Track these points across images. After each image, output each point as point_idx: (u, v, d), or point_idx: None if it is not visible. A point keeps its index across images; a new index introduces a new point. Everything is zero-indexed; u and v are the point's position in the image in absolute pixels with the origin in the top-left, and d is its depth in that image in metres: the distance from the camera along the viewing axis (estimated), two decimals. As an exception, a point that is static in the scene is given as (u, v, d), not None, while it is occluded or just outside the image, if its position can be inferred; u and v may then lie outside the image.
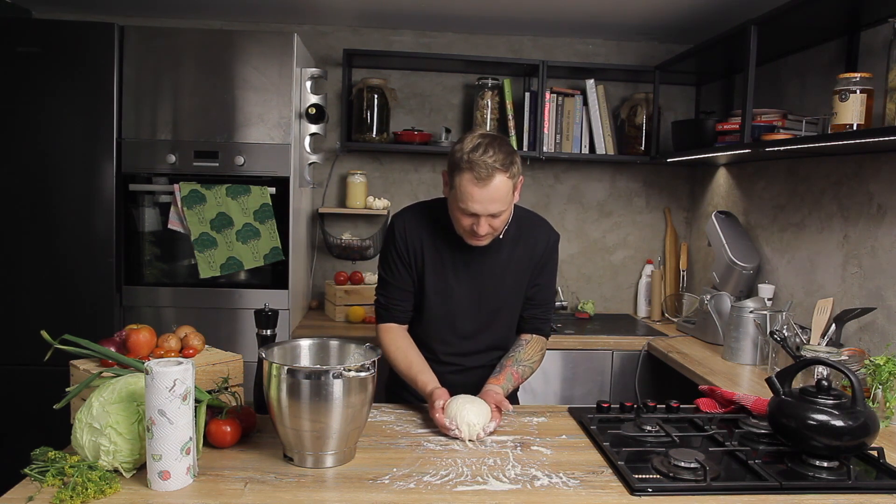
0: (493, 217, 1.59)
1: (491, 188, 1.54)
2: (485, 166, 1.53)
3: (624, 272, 3.36)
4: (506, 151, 1.57)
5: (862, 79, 1.87)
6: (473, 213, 1.58)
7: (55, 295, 2.52)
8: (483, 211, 1.57)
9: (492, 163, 1.53)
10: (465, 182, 1.55)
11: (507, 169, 1.56)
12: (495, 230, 1.64)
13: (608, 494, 1.24)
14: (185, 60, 2.53)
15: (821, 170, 2.38)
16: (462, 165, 1.55)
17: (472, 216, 1.59)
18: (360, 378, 1.29)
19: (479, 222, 1.59)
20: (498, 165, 1.54)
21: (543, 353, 1.82)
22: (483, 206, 1.56)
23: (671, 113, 3.25)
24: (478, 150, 1.54)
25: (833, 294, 2.26)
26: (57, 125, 2.48)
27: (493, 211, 1.58)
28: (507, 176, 1.56)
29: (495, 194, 1.56)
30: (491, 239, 1.67)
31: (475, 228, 1.60)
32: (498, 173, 1.54)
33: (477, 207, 1.56)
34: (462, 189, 1.56)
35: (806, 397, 1.35)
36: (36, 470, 1.21)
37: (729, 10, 2.65)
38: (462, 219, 1.61)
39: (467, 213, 1.59)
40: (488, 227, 1.60)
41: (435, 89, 3.21)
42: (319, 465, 1.31)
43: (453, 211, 1.64)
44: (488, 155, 1.53)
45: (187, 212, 2.52)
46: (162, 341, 1.57)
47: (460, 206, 1.59)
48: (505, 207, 1.59)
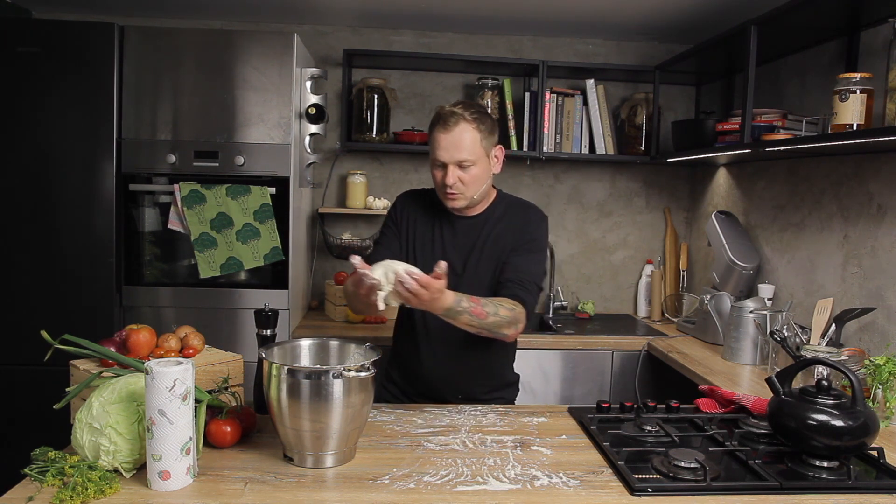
0: (461, 169, 1.67)
1: (455, 133, 1.65)
2: (451, 114, 1.66)
3: (624, 272, 3.36)
4: (476, 109, 1.69)
5: (862, 79, 1.87)
6: (443, 164, 1.67)
7: (55, 295, 2.52)
8: (449, 158, 1.66)
9: (459, 111, 1.65)
10: (434, 133, 1.68)
11: (474, 121, 1.66)
12: (465, 185, 1.69)
13: (608, 494, 1.24)
14: (185, 60, 2.53)
15: (821, 170, 2.38)
16: (434, 119, 1.70)
17: (442, 167, 1.68)
18: (360, 378, 1.29)
19: (447, 173, 1.67)
20: (465, 114, 1.65)
21: (515, 315, 1.62)
22: (448, 153, 1.65)
23: (671, 113, 3.25)
24: (448, 105, 1.70)
25: (833, 294, 2.26)
26: (57, 125, 2.48)
27: (458, 158, 1.65)
28: (473, 127, 1.66)
29: (460, 141, 1.65)
30: (464, 201, 1.72)
31: (445, 180, 1.67)
32: (462, 121, 1.65)
33: (443, 154, 1.66)
34: (432, 140, 1.69)
35: (806, 397, 1.35)
36: (36, 470, 1.21)
37: (729, 10, 2.65)
38: (435, 174, 1.71)
39: (437, 166, 1.69)
40: (456, 179, 1.67)
41: (435, 89, 3.21)
42: (319, 465, 1.31)
43: (432, 172, 1.73)
44: (457, 107, 1.67)
45: (187, 212, 2.52)
46: (162, 341, 1.57)
47: (432, 160, 1.70)
48: (472, 158, 1.66)
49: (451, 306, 1.50)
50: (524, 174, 3.26)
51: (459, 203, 1.73)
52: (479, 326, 1.57)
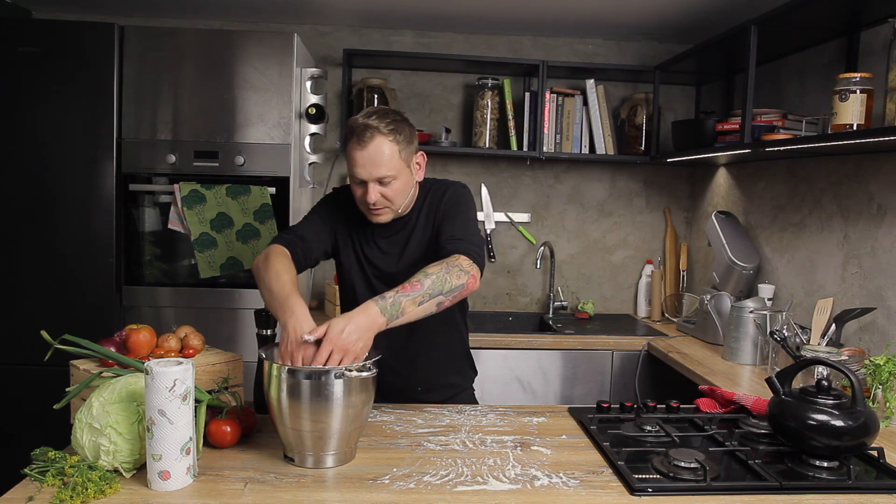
0: (382, 185, 1.56)
1: (371, 149, 1.53)
2: (365, 128, 1.53)
3: (624, 272, 3.36)
4: (391, 118, 1.56)
5: (862, 79, 1.87)
6: (362, 181, 1.57)
7: (55, 295, 2.52)
8: (367, 175, 1.55)
9: (373, 125, 1.53)
10: (350, 148, 1.56)
11: (390, 132, 1.55)
12: (389, 201, 1.59)
13: (608, 494, 1.24)
14: (185, 60, 2.53)
15: (821, 170, 2.38)
16: (348, 132, 1.57)
17: (361, 184, 1.58)
18: (361, 378, 1.29)
19: (367, 190, 1.56)
20: (381, 128, 1.53)
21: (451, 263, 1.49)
22: (366, 169, 1.54)
23: (671, 113, 3.25)
24: (360, 116, 1.56)
25: (833, 294, 2.27)
26: (57, 125, 2.48)
27: (377, 175, 1.55)
28: (390, 140, 1.55)
29: (377, 157, 1.53)
30: (390, 214, 1.63)
31: (366, 198, 1.57)
32: (378, 135, 1.53)
33: (361, 172, 1.55)
34: (348, 157, 1.57)
35: (806, 397, 1.35)
36: (36, 470, 1.21)
37: (729, 10, 2.65)
38: (356, 190, 1.60)
39: (356, 182, 1.59)
40: (379, 195, 1.57)
41: (435, 89, 3.21)
42: (320, 466, 1.31)
43: (351, 187, 1.64)
44: (371, 119, 1.54)
45: (187, 212, 2.52)
46: (162, 341, 1.57)
47: (350, 176, 1.60)
48: (392, 173, 1.55)
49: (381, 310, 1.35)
50: (524, 174, 3.26)
51: (384, 218, 1.63)
52: (430, 297, 1.42)
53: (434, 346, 1.79)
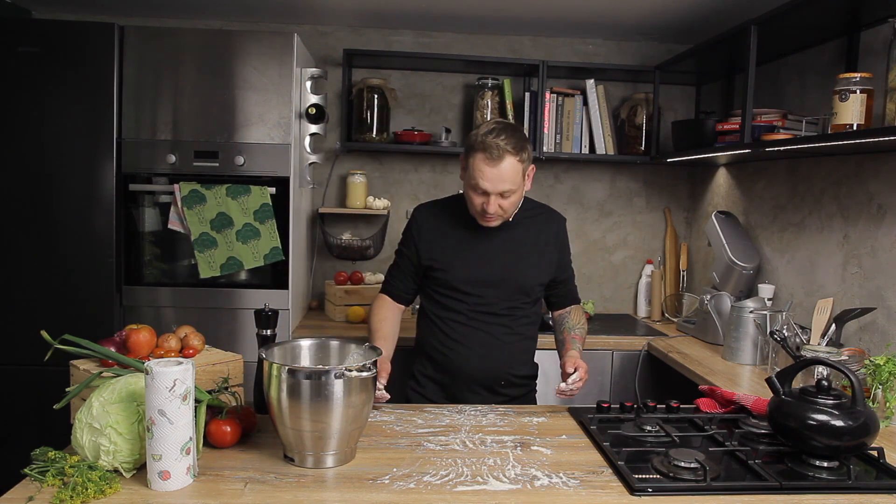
0: (503, 197, 1.74)
1: (501, 168, 1.70)
2: (496, 147, 1.68)
3: (624, 272, 3.36)
4: (518, 137, 1.73)
5: (862, 79, 1.87)
6: (484, 192, 1.73)
7: (55, 295, 2.52)
8: (493, 189, 1.72)
9: (503, 145, 1.69)
10: (477, 161, 1.72)
11: (518, 153, 1.71)
12: (504, 211, 1.78)
13: (608, 494, 1.24)
14: (185, 60, 2.53)
15: (821, 170, 2.38)
16: (476, 147, 1.72)
17: (483, 195, 1.74)
18: (361, 378, 1.29)
19: (488, 201, 1.73)
20: (509, 148, 1.69)
21: (585, 316, 2.06)
22: (493, 184, 1.71)
23: (671, 113, 3.25)
24: (491, 134, 1.70)
25: (833, 294, 2.27)
26: (57, 125, 2.48)
27: (501, 189, 1.72)
28: (517, 159, 1.72)
29: (505, 174, 1.70)
30: (500, 221, 1.82)
31: (485, 207, 1.74)
32: (508, 155, 1.69)
33: (487, 185, 1.71)
34: (475, 168, 1.72)
35: (806, 397, 1.35)
36: (36, 470, 1.21)
37: (729, 10, 2.65)
38: (474, 198, 1.76)
39: (479, 192, 1.74)
40: (497, 206, 1.75)
41: (435, 89, 3.21)
42: (320, 466, 1.31)
43: (467, 191, 1.79)
44: (501, 138, 1.69)
45: (187, 212, 2.52)
46: (162, 341, 1.57)
47: (472, 185, 1.75)
48: (514, 188, 1.74)
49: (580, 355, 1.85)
50: (524, 174, 3.26)
51: (495, 223, 1.82)
52: None
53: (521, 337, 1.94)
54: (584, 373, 1.74)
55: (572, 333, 1.94)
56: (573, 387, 1.71)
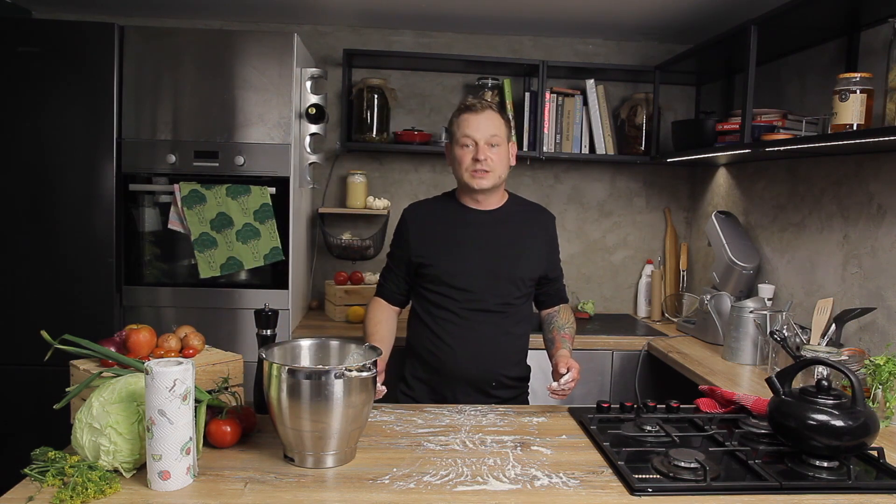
0: (490, 146, 1.82)
1: (485, 116, 1.83)
2: (479, 102, 1.85)
3: (624, 272, 3.36)
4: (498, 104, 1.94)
5: (862, 79, 1.87)
6: (474, 142, 1.82)
7: (55, 295, 2.52)
8: (480, 136, 1.81)
9: (486, 101, 1.85)
10: (462, 118, 1.85)
11: (499, 111, 1.86)
12: (494, 164, 1.83)
13: (608, 494, 1.24)
14: (185, 60, 2.53)
15: (821, 170, 2.38)
16: (460, 108, 1.86)
17: (473, 146, 1.82)
18: (361, 378, 1.29)
19: (479, 150, 1.81)
20: (492, 105, 1.85)
21: (573, 315, 2.08)
22: (480, 131, 1.81)
23: (671, 113, 3.25)
24: (468, 98, 1.90)
25: (833, 294, 2.26)
26: (57, 125, 2.48)
27: (488, 135, 1.82)
28: (499, 114, 1.85)
29: (490, 122, 1.82)
30: (492, 180, 1.85)
31: (476, 156, 1.81)
32: (489, 109, 1.84)
33: (475, 133, 1.81)
34: (460, 124, 1.84)
35: (806, 397, 1.35)
36: (36, 470, 1.21)
37: (729, 10, 2.65)
38: (464, 155, 1.84)
39: (467, 146, 1.83)
40: (486, 155, 1.81)
41: (435, 89, 3.21)
42: (320, 466, 1.31)
43: (456, 154, 1.86)
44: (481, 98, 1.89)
45: (187, 212, 2.52)
46: (162, 341, 1.57)
47: (461, 141, 1.83)
48: (500, 140, 1.83)
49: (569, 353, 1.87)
50: (524, 174, 3.26)
51: (488, 181, 1.84)
52: None
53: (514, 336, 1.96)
54: (576, 373, 1.74)
55: (562, 332, 1.96)
56: (566, 387, 1.71)
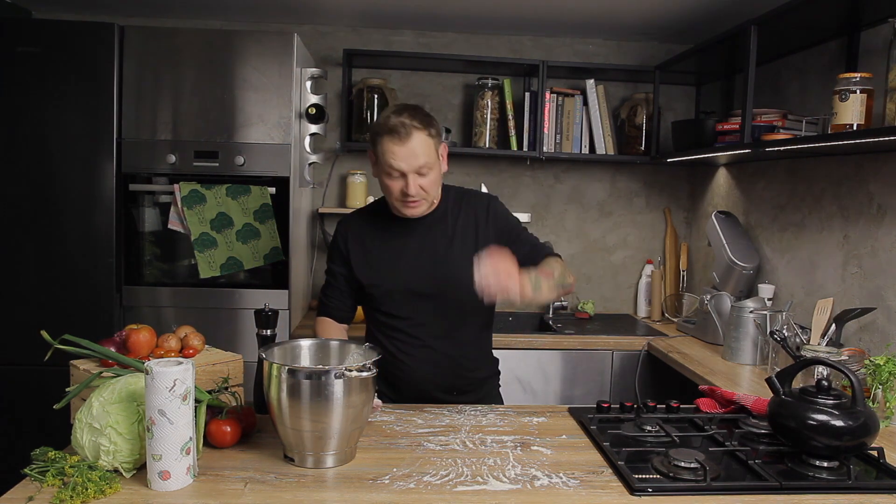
0: (420, 175, 1.65)
1: (411, 144, 1.61)
2: (401, 125, 1.61)
3: (624, 272, 3.36)
4: (422, 114, 1.66)
5: (862, 79, 1.87)
6: (401, 174, 1.64)
7: (55, 295, 2.52)
8: (408, 168, 1.63)
9: (409, 122, 1.61)
10: (385, 144, 1.63)
11: (425, 128, 1.64)
12: (427, 192, 1.68)
13: (608, 494, 1.24)
14: (185, 60, 2.53)
15: (821, 170, 2.38)
16: (381, 131, 1.64)
17: (401, 177, 1.65)
18: (361, 378, 1.29)
19: (407, 182, 1.64)
20: (415, 124, 1.62)
21: (564, 265, 1.79)
22: (407, 162, 1.62)
23: (671, 113, 3.25)
24: (392, 115, 1.63)
25: (833, 294, 2.26)
26: (57, 125, 2.48)
27: (417, 166, 1.63)
28: (426, 134, 1.64)
29: (417, 149, 1.62)
30: (426, 206, 1.72)
31: (405, 189, 1.64)
32: (415, 131, 1.62)
33: (402, 164, 1.62)
34: (384, 152, 1.63)
35: (806, 397, 1.35)
36: (36, 470, 1.21)
37: (729, 10, 2.65)
38: (392, 185, 1.66)
39: (395, 177, 1.65)
40: (418, 187, 1.65)
41: (435, 89, 3.21)
42: (320, 466, 1.31)
43: (383, 182, 1.68)
44: (403, 116, 1.62)
45: (187, 212, 2.52)
46: (162, 341, 1.57)
47: (386, 171, 1.65)
48: (430, 163, 1.65)
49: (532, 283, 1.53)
50: (524, 174, 3.26)
51: (420, 210, 1.71)
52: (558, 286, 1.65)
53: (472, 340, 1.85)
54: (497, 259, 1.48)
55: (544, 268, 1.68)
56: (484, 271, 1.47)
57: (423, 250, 1.77)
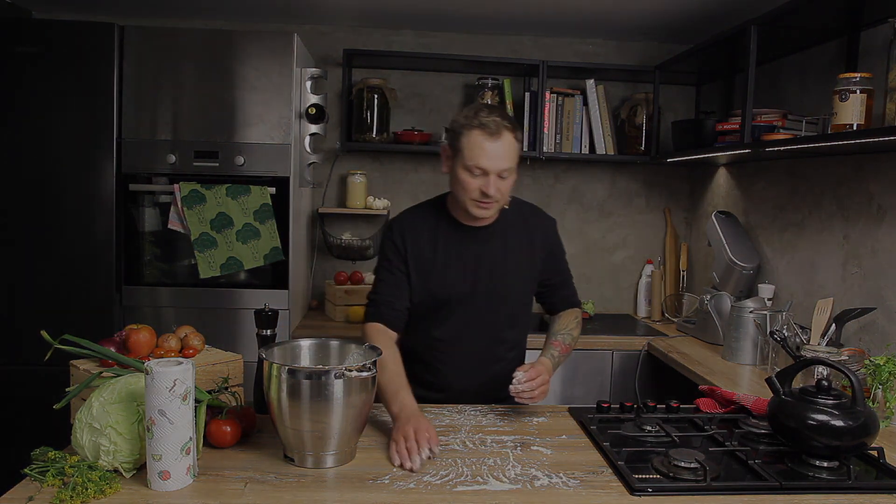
0: (501, 178, 1.61)
1: (502, 143, 1.58)
2: (494, 123, 1.58)
3: (624, 272, 3.35)
4: (509, 117, 1.64)
5: (862, 79, 1.87)
6: (483, 172, 1.59)
7: (55, 295, 2.52)
8: (494, 167, 1.58)
9: (500, 121, 1.59)
10: (475, 138, 1.58)
11: (514, 131, 1.61)
12: (502, 196, 1.64)
13: (608, 494, 1.24)
14: (185, 60, 2.53)
15: (821, 170, 2.38)
16: (471, 124, 1.59)
17: (482, 176, 1.60)
18: (361, 378, 1.29)
19: (488, 182, 1.59)
20: (507, 124, 1.60)
21: (579, 320, 1.87)
22: (494, 162, 1.58)
23: (671, 113, 3.25)
24: (482, 112, 1.61)
25: (833, 294, 2.26)
26: (57, 125, 2.48)
27: (503, 167, 1.59)
28: (514, 137, 1.61)
29: (506, 150, 1.59)
30: (496, 210, 1.68)
31: (484, 189, 1.60)
32: (506, 131, 1.59)
33: (488, 163, 1.58)
34: (472, 147, 1.59)
35: (806, 397, 1.35)
36: (36, 470, 1.21)
37: (729, 10, 2.65)
38: (470, 182, 1.61)
39: (476, 174, 1.60)
40: (496, 190, 1.60)
41: (435, 89, 3.21)
42: (320, 466, 1.31)
43: (459, 176, 1.63)
44: (495, 115, 1.60)
45: (187, 212, 2.52)
46: (162, 341, 1.57)
47: (469, 165, 1.60)
48: (512, 169, 1.62)
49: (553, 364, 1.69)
50: (524, 174, 3.26)
51: (491, 212, 1.68)
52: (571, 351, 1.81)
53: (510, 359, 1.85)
54: (534, 374, 1.54)
55: (553, 339, 1.78)
56: (521, 387, 1.53)
57: (481, 260, 1.74)
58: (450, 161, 1.67)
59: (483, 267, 1.74)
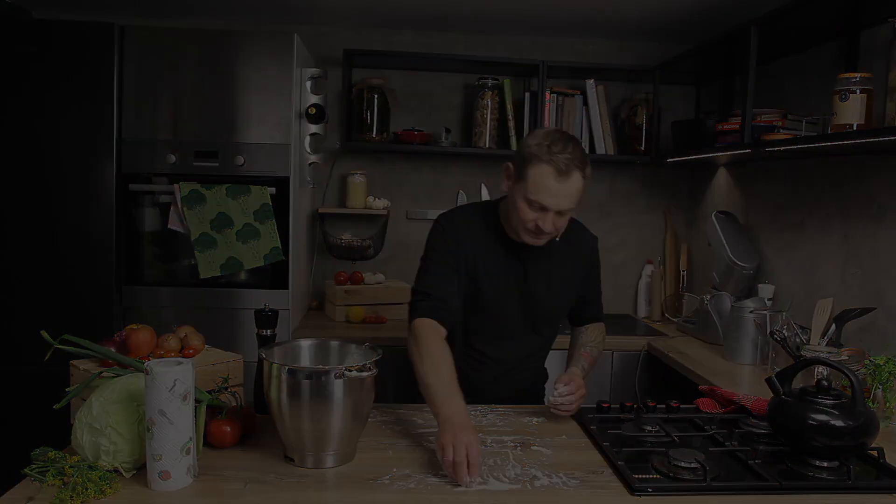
0: (561, 215, 1.59)
1: (569, 184, 1.55)
2: (565, 162, 1.53)
3: (624, 272, 3.35)
4: (582, 151, 1.58)
5: (862, 79, 1.87)
6: (543, 208, 1.56)
7: (55, 295, 2.51)
8: (556, 206, 1.56)
9: (572, 159, 1.54)
10: (543, 174, 1.54)
11: (583, 169, 1.57)
12: (557, 230, 1.63)
13: (608, 494, 1.24)
14: (185, 60, 2.53)
15: (821, 170, 2.38)
16: (541, 157, 1.54)
17: (541, 211, 1.57)
18: (361, 378, 1.29)
19: (546, 218, 1.57)
20: (577, 163, 1.55)
21: (604, 335, 1.93)
22: (557, 200, 1.56)
23: (671, 113, 3.24)
24: (557, 145, 1.54)
25: (833, 294, 2.26)
26: (57, 125, 2.48)
27: (564, 207, 1.58)
28: (582, 175, 1.57)
29: (572, 190, 1.56)
30: (548, 239, 1.66)
31: (540, 224, 1.58)
32: (576, 171, 1.55)
33: (551, 202, 1.55)
34: (538, 181, 1.54)
35: (806, 397, 1.35)
36: (36, 470, 1.21)
37: (729, 10, 2.65)
38: (527, 213, 1.58)
39: (536, 208, 1.57)
40: (552, 225, 1.59)
41: (435, 89, 3.21)
42: (320, 466, 1.31)
43: (517, 204, 1.59)
44: (568, 151, 1.54)
45: (187, 212, 2.52)
46: (162, 341, 1.57)
47: (530, 199, 1.56)
48: (574, 207, 1.60)
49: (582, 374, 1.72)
50: (524, 174, 3.25)
51: (543, 241, 1.65)
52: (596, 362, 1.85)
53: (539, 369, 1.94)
54: (574, 388, 1.59)
55: (582, 350, 1.82)
56: (562, 400, 1.57)
57: (526, 277, 1.73)
58: (511, 182, 1.63)
59: (528, 283, 1.73)
